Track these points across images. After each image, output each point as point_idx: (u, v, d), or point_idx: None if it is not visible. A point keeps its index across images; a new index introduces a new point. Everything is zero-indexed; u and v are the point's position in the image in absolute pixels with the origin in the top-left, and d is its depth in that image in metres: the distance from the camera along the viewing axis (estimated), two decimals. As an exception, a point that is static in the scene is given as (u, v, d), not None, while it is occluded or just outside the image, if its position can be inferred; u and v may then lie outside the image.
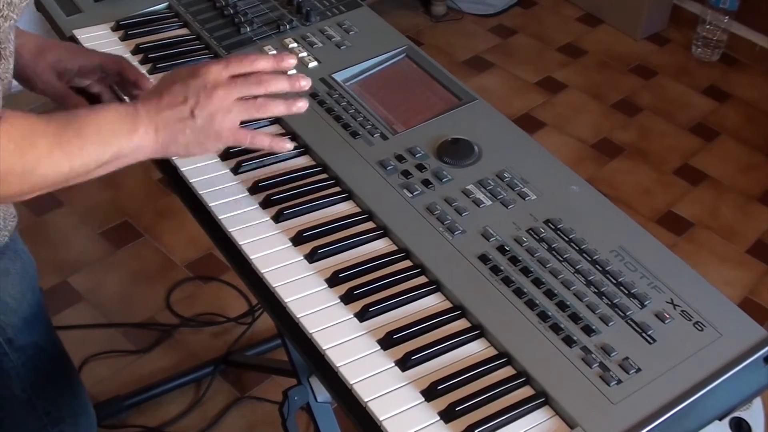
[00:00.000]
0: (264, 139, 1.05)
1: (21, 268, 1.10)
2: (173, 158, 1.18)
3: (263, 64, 1.03)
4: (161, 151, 0.99)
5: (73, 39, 1.37)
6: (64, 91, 1.19)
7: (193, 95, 0.98)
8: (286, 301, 1.00)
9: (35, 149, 0.87)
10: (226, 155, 1.19)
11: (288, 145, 1.06)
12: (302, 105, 1.05)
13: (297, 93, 1.06)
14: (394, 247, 1.07)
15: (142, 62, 1.34)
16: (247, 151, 1.19)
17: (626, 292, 1.00)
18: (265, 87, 1.01)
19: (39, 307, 1.15)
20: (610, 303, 0.98)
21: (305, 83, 1.05)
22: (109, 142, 0.94)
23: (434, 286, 1.02)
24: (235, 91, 1.00)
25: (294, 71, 1.07)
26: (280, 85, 1.03)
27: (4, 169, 0.84)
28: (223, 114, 0.99)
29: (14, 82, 1.06)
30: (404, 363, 0.94)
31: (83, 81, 1.22)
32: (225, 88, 0.99)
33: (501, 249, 1.04)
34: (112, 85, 1.24)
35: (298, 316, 0.99)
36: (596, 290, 1.00)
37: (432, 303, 1.01)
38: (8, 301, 1.08)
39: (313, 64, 1.32)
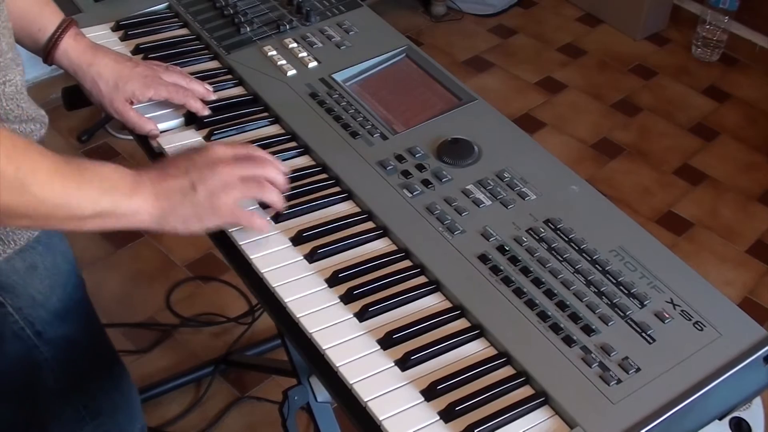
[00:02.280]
0: (263, 225, 1.05)
1: (51, 263, 1.10)
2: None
3: (263, 152, 1.07)
4: (159, 222, 0.98)
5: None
6: (137, 121, 1.22)
7: (197, 169, 1.00)
8: (286, 301, 1.00)
9: (31, 163, 0.86)
10: (226, 155, 1.19)
11: (283, 205, 1.07)
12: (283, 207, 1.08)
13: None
14: (393, 247, 1.07)
15: (142, 62, 1.34)
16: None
17: (626, 291, 1.00)
18: (266, 171, 1.05)
19: (72, 302, 1.16)
20: (609, 303, 0.98)
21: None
22: (108, 193, 0.94)
23: (434, 286, 1.02)
24: (238, 170, 1.02)
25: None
26: (279, 178, 1.06)
27: None
28: (224, 190, 1.00)
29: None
30: (404, 363, 0.94)
31: None
32: (229, 165, 1.01)
33: (501, 249, 1.05)
34: None
35: (297, 316, 0.99)
36: (596, 290, 1.00)
37: (432, 303, 1.01)
38: (35, 296, 1.09)
39: (313, 64, 1.32)
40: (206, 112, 1.25)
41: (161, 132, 1.23)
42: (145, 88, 1.22)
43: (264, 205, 1.09)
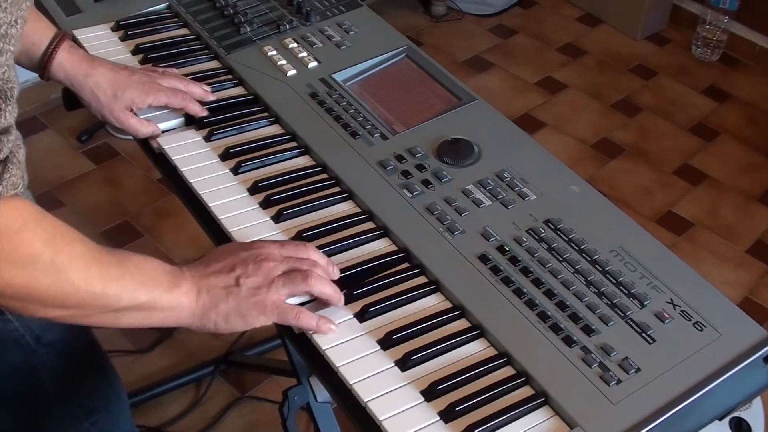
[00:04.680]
0: (311, 320, 0.96)
1: None
2: (173, 158, 1.18)
3: (317, 256, 1.01)
4: (199, 318, 0.95)
5: (73, 39, 1.37)
6: (137, 128, 1.22)
7: (242, 265, 0.97)
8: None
9: (70, 249, 0.85)
10: (225, 155, 1.19)
11: (333, 327, 0.97)
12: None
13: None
14: (393, 247, 1.07)
15: (142, 62, 1.34)
16: (247, 151, 1.20)
17: (626, 292, 1.00)
18: (312, 267, 0.99)
19: None
20: (609, 303, 0.98)
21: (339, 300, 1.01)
22: (147, 285, 0.91)
23: (434, 286, 1.02)
24: (284, 266, 0.98)
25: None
26: (327, 288, 0.99)
27: (30, 251, 0.81)
28: (268, 286, 0.96)
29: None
30: (404, 363, 0.94)
31: None
32: (275, 262, 0.98)
33: (501, 249, 1.05)
34: None
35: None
36: (596, 290, 1.00)
37: (432, 303, 1.01)
38: None
39: (313, 64, 1.32)
40: (204, 113, 1.25)
41: (162, 132, 1.23)
42: (144, 95, 1.22)
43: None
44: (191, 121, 1.25)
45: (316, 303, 1.00)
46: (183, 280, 0.95)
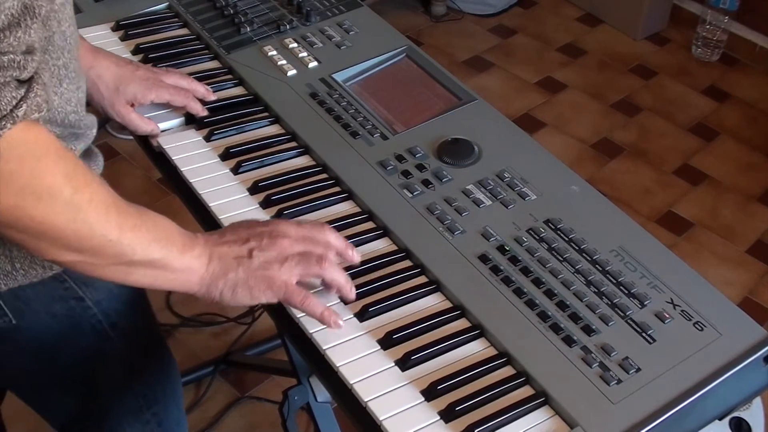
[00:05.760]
0: (317, 307, 0.95)
1: None
2: (173, 158, 1.18)
3: (334, 238, 1.00)
4: (207, 285, 0.94)
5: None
6: (138, 124, 1.21)
7: (257, 238, 0.96)
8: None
9: (90, 189, 0.83)
10: (226, 155, 1.19)
11: (340, 322, 0.96)
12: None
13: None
14: (394, 247, 1.07)
15: (142, 62, 1.34)
16: (247, 151, 1.20)
17: (626, 292, 1.00)
18: (326, 256, 0.98)
19: (141, 291, 1.15)
20: (610, 303, 0.98)
21: (356, 258, 1.01)
22: (161, 242, 0.90)
23: (434, 286, 1.02)
24: (300, 246, 0.97)
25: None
26: (339, 276, 0.98)
27: (50, 183, 0.80)
28: (281, 263, 0.95)
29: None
30: (404, 363, 0.94)
31: None
32: (291, 240, 0.97)
33: (501, 249, 1.05)
34: None
35: (297, 315, 0.99)
36: (596, 290, 1.00)
37: (432, 303, 1.01)
38: (112, 288, 1.08)
39: (313, 64, 1.32)
40: (205, 113, 1.25)
41: (161, 131, 1.23)
42: (146, 90, 1.21)
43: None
44: (191, 121, 1.25)
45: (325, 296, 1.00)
46: (196, 244, 0.94)
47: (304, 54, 1.34)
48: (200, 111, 1.24)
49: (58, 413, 1.20)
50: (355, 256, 1.01)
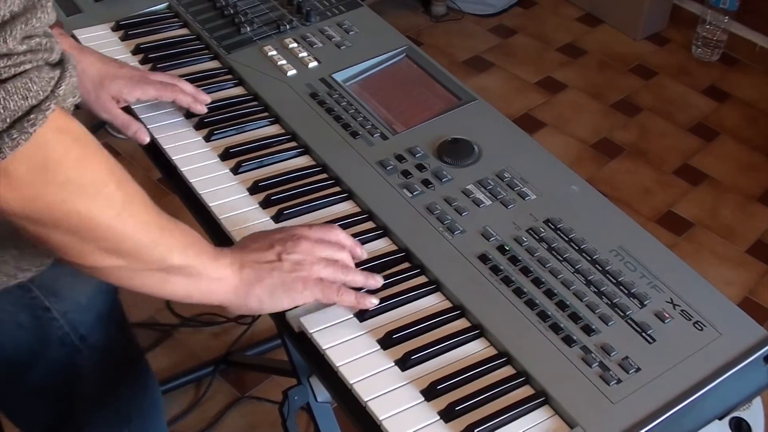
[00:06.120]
0: (351, 296, 0.97)
1: None
2: (173, 158, 1.18)
3: (343, 237, 1.01)
4: (244, 294, 0.94)
5: (73, 39, 1.37)
6: (126, 119, 1.20)
7: (280, 243, 0.96)
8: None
9: (130, 186, 0.82)
10: (225, 155, 1.19)
11: (375, 300, 0.98)
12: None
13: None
14: (394, 247, 1.07)
15: (142, 62, 1.34)
16: (247, 151, 1.20)
17: (626, 291, 1.00)
18: (345, 257, 0.99)
19: (112, 305, 1.15)
20: (609, 303, 0.98)
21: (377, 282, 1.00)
22: (195, 248, 0.89)
23: (434, 285, 1.02)
24: (320, 249, 0.97)
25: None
26: (358, 277, 0.99)
27: (96, 177, 0.78)
28: (309, 263, 0.96)
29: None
30: (404, 363, 0.94)
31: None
32: (310, 241, 0.97)
33: (501, 249, 1.05)
34: None
35: (297, 316, 0.98)
36: (596, 290, 1.00)
37: (432, 303, 1.01)
38: (80, 300, 1.07)
39: (313, 64, 1.32)
40: (203, 109, 1.23)
41: (147, 141, 1.22)
42: (132, 87, 1.19)
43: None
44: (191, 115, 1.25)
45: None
46: (225, 254, 0.94)
47: (304, 54, 1.34)
48: (192, 104, 1.22)
49: (33, 425, 1.19)
50: (363, 253, 1.03)
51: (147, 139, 1.20)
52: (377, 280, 1.00)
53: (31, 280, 1.00)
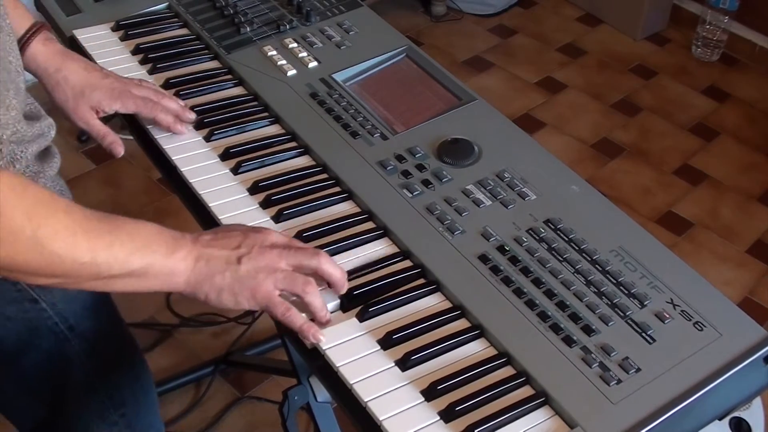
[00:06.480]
0: (296, 320, 0.96)
1: None
2: (173, 158, 1.18)
3: (320, 262, 0.99)
4: (192, 286, 0.94)
5: (73, 39, 1.37)
6: (102, 130, 1.20)
7: (247, 245, 0.96)
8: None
9: (54, 221, 0.83)
10: (225, 155, 1.19)
11: (321, 337, 0.96)
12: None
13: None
14: (394, 247, 1.07)
15: (142, 62, 1.34)
16: (247, 151, 1.20)
17: (626, 292, 1.00)
18: (319, 261, 0.98)
19: (100, 295, 1.15)
20: (609, 303, 0.98)
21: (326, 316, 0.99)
22: (141, 252, 0.90)
23: (434, 286, 1.02)
24: (289, 258, 0.96)
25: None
26: (335, 271, 0.99)
27: (10, 226, 0.79)
28: (266, 273, 0.95)
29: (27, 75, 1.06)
30: (404, 363, 0.94)
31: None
32: (280, 251, 0.97)
33: (501, 249, 1.04)
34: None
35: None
36: (596, 290, 1.00)
37: (432, 303, 1.01)
38: (69, 291, 1.07)
39: (313, 64, 1.32)
40: (183, 130, 1.22)
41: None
42: (112, 99, 1.19)
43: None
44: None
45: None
46: (182, 246, 0.94)
47: (304, 54, 1.34)
48: (171, 123, 1.21)
49: (24, 418, 1.19)
50: (342, 290, 1.00)
51: (122, 152, 1.21)
52: (327, 316, 0.98)
53: None
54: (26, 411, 1.18)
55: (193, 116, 1.24)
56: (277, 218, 1.10)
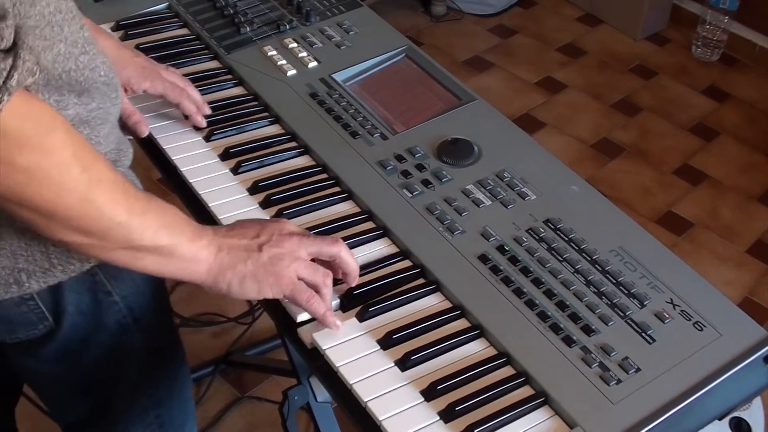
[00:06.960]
0: (320, 307, 0.96)
1: None
2: (173, 158, 1.18)
3: (340, 250, 0.99)
4: (214, 276, 0.94)
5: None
6: (129, 108, 1.19)
7: (267, 234, 0.96)
8: (285, 302, 1.00)
9: (99, 169, 0.82)
10: (225, 155, 1.19)
11: (339, 323, 0.97)
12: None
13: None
14: (393, 247, 1.07)
15: (142, 62, 1.34)
16: (247, 151, 1.20)
17: (626, 292, 1.00)
18: (338, 248, 0.98)
19: (162, 287, 1.14)
20: (609, 303, 0.98)
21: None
22: (170, 229, 0.89)
23: (434, 286, 1.02)
24: (309, 246, 0.97)
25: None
26: (351, 262, 0.99)
27: (59, 160, 0.77)
28: (289, 260, 0.95)
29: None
30: (404, 363, 0.94)
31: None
32: (299, 238, 0.97)
33: (501, 249, 1.05)
34: None
35: (296, 316, 0.99)
36: (596, 290, 1.00)
37: (432, 303, 1.01)
38: (139, 283, 1.06)
39: (313, 64, 1.32)
40: (203, 122, 1.22)
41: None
42: (142, 78, 1.19)
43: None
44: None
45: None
46: (205, 234, 0.93)
47: (304, 54, 1.34)
48: (194, 112, 1.22)
49: (67, 414, 1.19)
50: (353, 283, 1.01)
51: (146, 132, 1.20)
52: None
53: (96, 264, 0.99)
54: (73, 407, 1.16)
55: (209, 111, 1.24)
56: (277, 218, 1.10)
